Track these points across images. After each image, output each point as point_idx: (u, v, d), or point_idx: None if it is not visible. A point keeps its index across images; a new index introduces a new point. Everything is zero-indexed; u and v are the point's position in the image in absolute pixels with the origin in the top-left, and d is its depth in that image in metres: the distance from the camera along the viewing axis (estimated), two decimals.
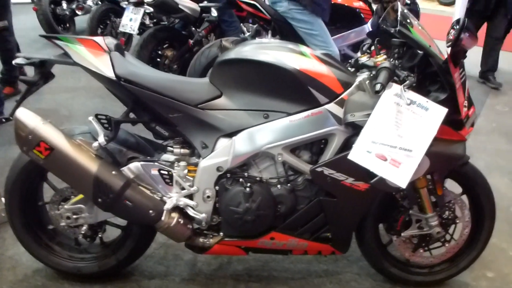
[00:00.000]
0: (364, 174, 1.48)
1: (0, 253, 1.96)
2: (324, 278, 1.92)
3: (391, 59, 1.50)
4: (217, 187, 1.59)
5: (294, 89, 1.50)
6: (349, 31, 3.54)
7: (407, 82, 1.45)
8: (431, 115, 1.43)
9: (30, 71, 1.94)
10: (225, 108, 1.55)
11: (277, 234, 1.63)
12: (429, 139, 1.42)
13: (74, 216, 1.65)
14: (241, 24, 3.91)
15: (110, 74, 1.50)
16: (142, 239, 1.76)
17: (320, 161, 1.56)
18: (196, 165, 1.60)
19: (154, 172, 1.59)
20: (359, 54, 1.75)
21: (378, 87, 1.34)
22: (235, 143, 1.54)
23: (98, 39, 1.56)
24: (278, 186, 1.59)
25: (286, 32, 3.03)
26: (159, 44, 3.61)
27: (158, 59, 3.63)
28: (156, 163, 1.59)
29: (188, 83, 1.60)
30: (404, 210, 1.71)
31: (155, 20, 4.27)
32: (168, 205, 1.56)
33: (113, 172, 1.51)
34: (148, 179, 1.60)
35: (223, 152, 1.55)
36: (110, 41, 1.58)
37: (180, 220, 1.59)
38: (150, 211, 1.54)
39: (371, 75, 1.55)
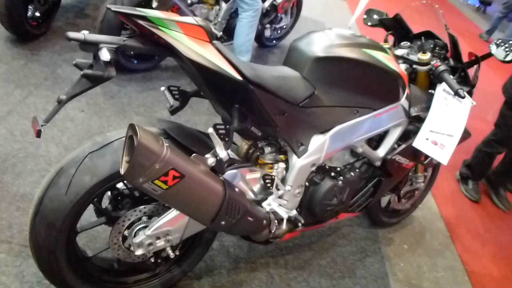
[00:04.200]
0: (416, 156, 1.78)
1: None
2: (333, 235, 2.21)
3: (437, 59, 1.76)
4: (307, 183, 1.59)
5: (387, 88, 1.59)
6: None
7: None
8: (463, 105, 1.81)
9: None
10: (322, 105, 1.51)
11: (343, 214, 1.79)
12: (463, 125, 1.81)
13: (158, 241, 1.35)
14: None
15: (235, 75, 1.22)
16: (210, 243, 1.60)
17: (381, 147, 1.75)
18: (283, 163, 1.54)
19: (251, 176, 1.45)
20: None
21: (462, 93, 1.58)
22: (329, 139, 1.55)
23: (196, 21, 1.19)
24: (352, 173, 1.71)
25: None
26: None
27: None
28: (257, 168, 1.44)
29: (289, 79, 1.44)
30: (408, 174, 2.12)
31: None
32: (271, 209, 1.48)
33: (237, 190, 1.31)
34: (242, 184, 1.45)
35: (318, 150, 1.54)
36: (206, 25, 1.23)
37: (275, 221, 1.54)
38: (264, 221, 1.44)
39: (410, 68, 1.79)
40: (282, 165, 1.51)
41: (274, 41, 4.02)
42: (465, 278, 2.24)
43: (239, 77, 1.22)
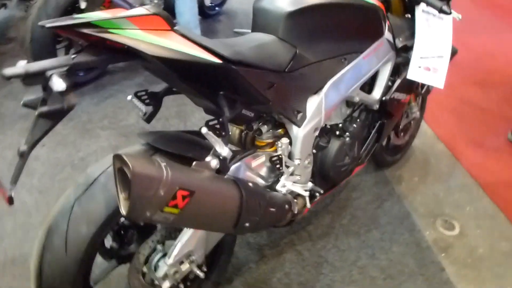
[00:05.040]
0: (412, 87, 1.68)
1: None
2: (345, 191, 2.12)
3: None
4: (314, 150, 1.46)
5: (370, 25, 1.44)
6: None
7: None
8: (445, 22, 1.70)
9: None
10: (308, 63, 1.35)
11: (356, 168, 1.69)
12: (450, 42, 1.70)
13: (182, 266, 1.21)
14: None
15: (212, 58, 1.03)
16: (233, 246, 1.47)
17: (375, 89, 1.63)
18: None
19: (256, 162, 1.31)
20: None
21: (447, 9, 1.45)
22: (324, 97, 1.41)
23: (148, 10, 0.99)
24: (354, 125, 1.59)
25: None
26: None
27: None
28: (260, 152, 1.30)
29: (267, 46, 1.26)
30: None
31: None
32: (287, 190, 1.35)
33: (250, 184, 1.16)
34: (250, 174, 1.30)
35: (317, 112, 1.40)
36: (162, 12, 1.02)
37: (295, 200, 1.41)
38: (286, 206, 1.30)
39: None
40: (285, 140, 1.36)
41: (216, 8, 3.78)
42: (480, 191, 2.21)
43: (217, 60, 1.04)
